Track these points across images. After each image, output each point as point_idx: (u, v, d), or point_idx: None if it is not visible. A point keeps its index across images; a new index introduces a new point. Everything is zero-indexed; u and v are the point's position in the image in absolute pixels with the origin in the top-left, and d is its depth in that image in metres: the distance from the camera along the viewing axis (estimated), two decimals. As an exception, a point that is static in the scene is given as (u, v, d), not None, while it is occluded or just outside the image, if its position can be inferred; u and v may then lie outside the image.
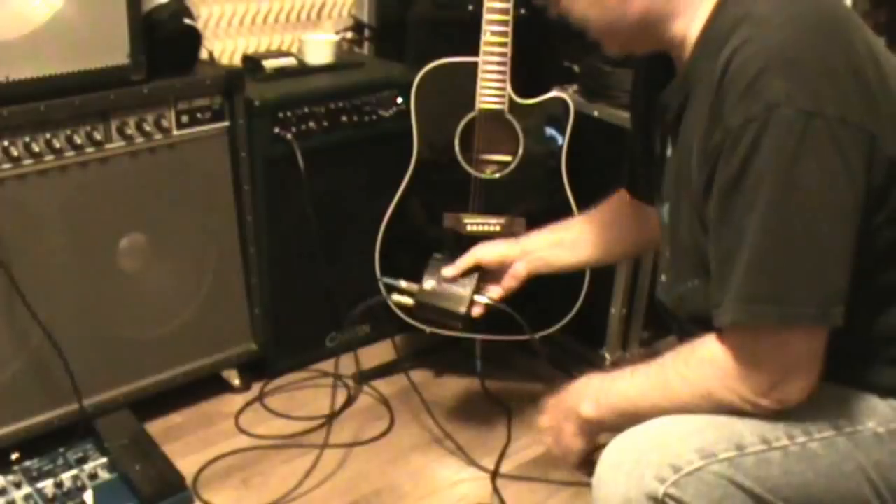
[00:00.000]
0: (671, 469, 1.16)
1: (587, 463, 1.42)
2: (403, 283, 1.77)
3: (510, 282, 1.72)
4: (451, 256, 1.75)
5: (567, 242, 1.71)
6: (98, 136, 1.81)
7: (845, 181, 1.10)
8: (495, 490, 1.89)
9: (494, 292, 1.73)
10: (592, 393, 1.34)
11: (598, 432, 1.35)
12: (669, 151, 1.34)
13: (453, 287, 1.73)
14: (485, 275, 1.74)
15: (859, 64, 1.12)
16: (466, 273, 1.74)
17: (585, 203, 2.08)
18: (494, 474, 1.93)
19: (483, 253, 1.73)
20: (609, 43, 1.36)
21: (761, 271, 1.12)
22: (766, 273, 1.12)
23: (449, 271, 1.73)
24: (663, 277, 1.39)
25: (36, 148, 1.74)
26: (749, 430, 1.18)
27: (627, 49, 1.35)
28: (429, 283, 1.73)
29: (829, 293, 1.11)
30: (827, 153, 1.08)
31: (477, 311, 1.72)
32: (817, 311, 1.11)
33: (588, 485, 1.27)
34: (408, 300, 1.76)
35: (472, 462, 1.98)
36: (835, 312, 1.12)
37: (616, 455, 1.22)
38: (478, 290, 1.73)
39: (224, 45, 2.35)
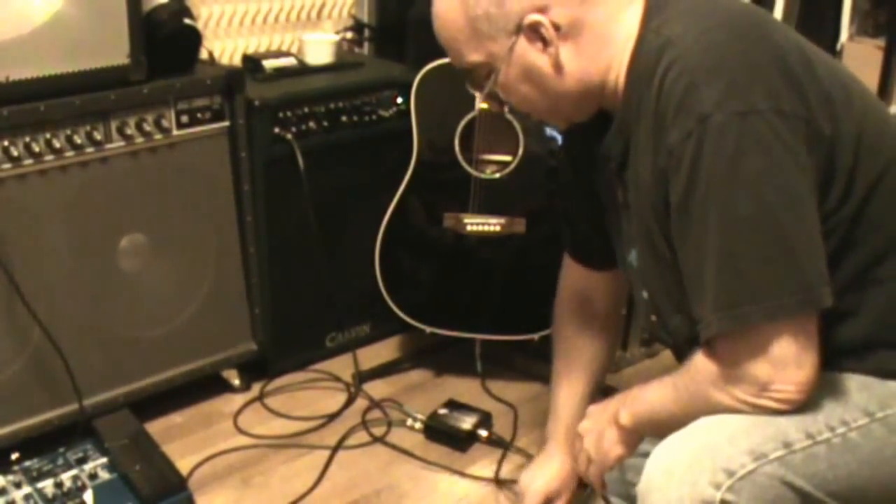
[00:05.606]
0: (725, 474, 1.13)
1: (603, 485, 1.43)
2: None
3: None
4: None
5: (579, 398, 1.66)
6: (98, 136, 1.81)
7: (792, 166, 1.11)
8: (496, 490, 1.89)
9: None
10: (628, 402, 1.33)
11: (638, 442, 1.34)
12: (621, 197, 1.34)
13: None
14: None
15: (780, 53, 1.14)
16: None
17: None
18: (496, 474, 1.93)
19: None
20: (555, 119, 1.39)
21: (732, 275, 1.12)
22: (738, 275, 1.12)
23: None
24: (653, 318, 1.38)
25: (36, 148, 1.74)
26: (793, 426, 1.16)
27: (574, 120, 1.36)
28: None
29: (804, 277, 1.11)
30: (768, 144, 1.10)
31: None
32: (799, 297, 1.11)
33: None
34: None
35: (472, 462, 1.98)
36: (818, 294, 1.11)
37: (666, 460, 1.19)
38: None
39: (224, 45, 2.35)
